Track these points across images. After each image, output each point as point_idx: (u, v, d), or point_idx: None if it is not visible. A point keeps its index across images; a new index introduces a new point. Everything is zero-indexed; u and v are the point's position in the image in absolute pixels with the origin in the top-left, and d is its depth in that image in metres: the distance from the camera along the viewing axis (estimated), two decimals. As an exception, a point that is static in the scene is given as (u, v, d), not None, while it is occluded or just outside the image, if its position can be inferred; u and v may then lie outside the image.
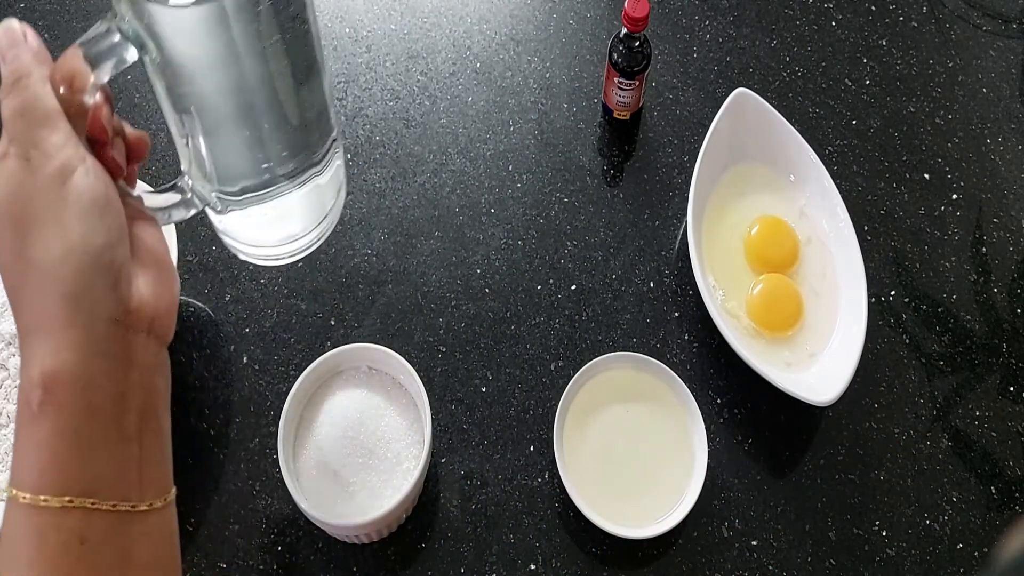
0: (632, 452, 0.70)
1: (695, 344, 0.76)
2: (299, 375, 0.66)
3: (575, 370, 0.70)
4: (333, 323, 0.76)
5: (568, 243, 0.80)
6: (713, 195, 0.80)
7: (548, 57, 0.90)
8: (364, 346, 0.68)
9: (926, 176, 0.85)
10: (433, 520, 0.69)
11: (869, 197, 0.83)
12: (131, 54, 0.41)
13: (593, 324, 0.77)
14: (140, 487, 0.39)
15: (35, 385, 0.36)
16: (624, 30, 0.77)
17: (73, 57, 0.39)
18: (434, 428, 0.67)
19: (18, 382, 0.68)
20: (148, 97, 0.88)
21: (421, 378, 0.66)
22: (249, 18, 0.42)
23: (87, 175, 0.38)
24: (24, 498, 0.36)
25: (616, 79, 0.80)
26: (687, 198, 0.76)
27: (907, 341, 0.77)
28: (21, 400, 0.37)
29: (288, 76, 0.47)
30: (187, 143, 0.48)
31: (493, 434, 0.72)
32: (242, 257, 0.59)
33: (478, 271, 0.79)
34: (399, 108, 0.87)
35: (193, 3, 0.39)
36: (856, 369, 0.69)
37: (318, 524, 0.63)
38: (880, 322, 0.77)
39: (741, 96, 0.79)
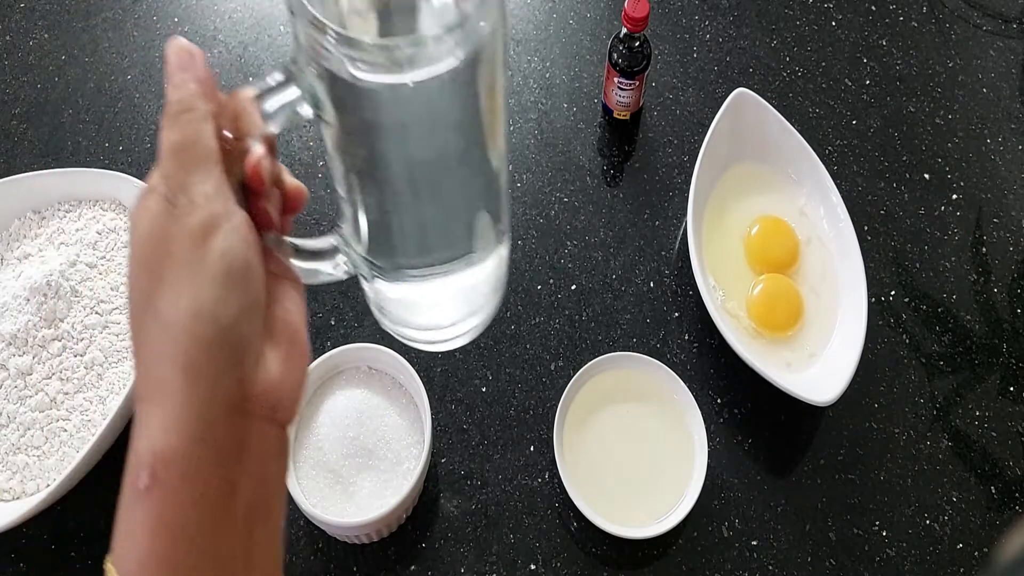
0: (632, 452, 0.70)
1: (695, 344, 0.76)
2: (299, 375, 0.66)
3: (575, 370, 0.70)
4: (333, 323, 0.76)
5: (568, 243, 0.80)
6: (713, 195, 0.80)
7: (548, 57, 0.90)
8: (364, 346, 0.68)
9: (926, 176, 0.85)
10: (433, 520, 0.69)
11: (869, 197, 0.83)
12: (306, 111, 0.38)
13: (593, 324, 0.77)
14: None
15: (143, 464, 0.34)
16: (624, 30, 0.77)
17: (245, 100, 0.37)
18: (434, 428, 0.67)
19: (17, 382, 0.68)
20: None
21: (421, 378, 0.66)
22: (436, 101, 0.38)
23: (231, 235, 0.34)
24: None
25: (616, 79, 0.80)
26: (687, 198, 0.76)
27: (907, 341, 0.77)
28: (129, 472, 0.34)
29: (460, 162, 0.43)
30: (347, 199, 0.44)
31: (493, 434, 0.72)
32: (383, 327, 0.54)
33: (478, 271, 0.79)
34: (399, 108, 0.87)
35: (383, 82, 0.35)
36: (856, 369, 0.69)
37: (318, 524, 0.63)
38: (880, 322, 0.77)
39: (741, 96, 0.79)
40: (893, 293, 0.79)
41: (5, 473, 0.66)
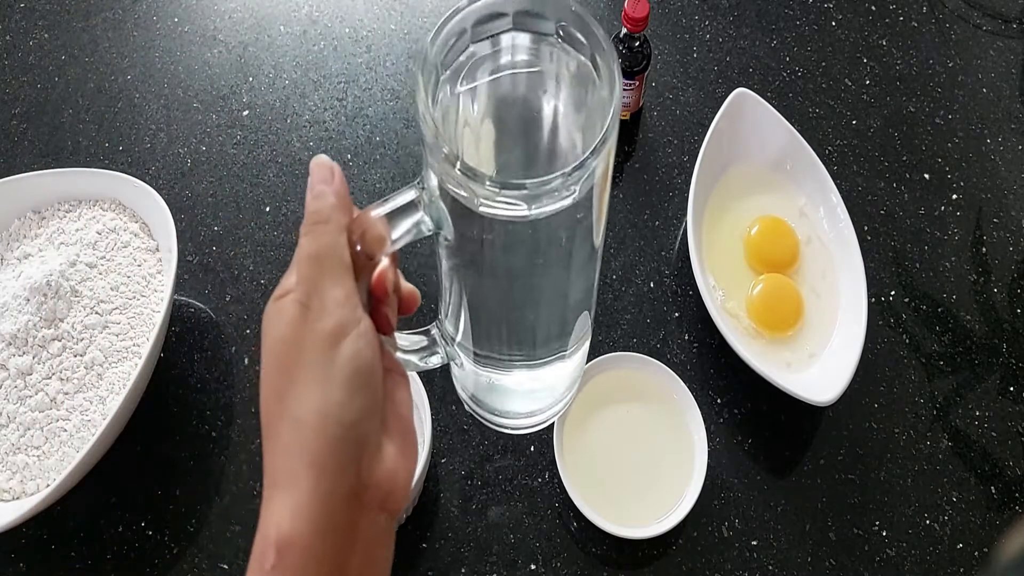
0: (632, 452, 0.70)
1: (695, 344, 0.76)
2: (299, 375, 0.66)
3: (575, 370, 0.70)
4: (333, 323, 0.76)
5: (568, 243, 0.80)
6: (713, 195, 0.80)
7: (548, 57, 0.90)
8: (364, 346, 0.68)
9: (926, 176, 0.85)
10: (433, 520, 0.69)
11: (869, 197, 0.83)
12: (427, 229, 0.41)
13: (593, 324, 0.77)
14: None
15: (270, 545, 0.37)
16: (624, 30, 0.77)
17: (376, 219, 0.39)
18: (434, 428, 0.67)
19: (17, 382, 0.68)
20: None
21: (421, 378, 0.66)
22: (551, 229, 0.41)
23: (358, 339, 0.37)
24: None
25: (616, 79, 0.80)
26: (687, 198, 0.76)
27: (907, 341, 0.77)
28: (256, 551, 0.38)
29: (563, 281, 0.47)
30: (449, 298, 0.48)
31: (493, 434, 0.72)
32: (469, 410, 0.58)
33: (478, 271, 0.79)
34: (399, 108, 0.87)
35: (496, 213, 0.38)
36: (856, 369, 0.69)
37: (318, 524, 0.63)
38: (880, 322, 0.77)
39: (741, 96, 0.79)
40: (893, 293, 0.79)
41: (5, 473, 0.66)
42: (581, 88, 0.41)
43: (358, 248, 0.39)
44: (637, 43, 0.78)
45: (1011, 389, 0.75)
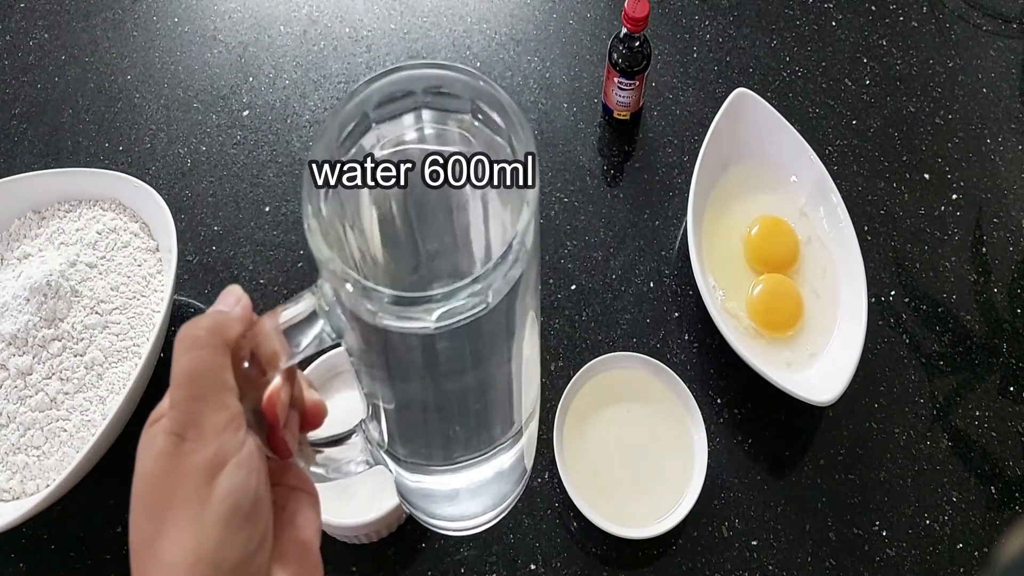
0: (632, 452, 0.70)
1: (695, 344, 0.76)
2: (299, 375, 0.66)
3: (575, 370, 0.70)
4: (333, 323, 0.76)
5: (568, 243, 0.80)
6: (713, 195, 0.80)
7: (548, 57, 0.90)
8: (364, 346, 0.68)
9: (926, 176, 0.85)
10: (433, 520, 0.69)
11: (869, 197, 0.83)
12: (330, 339, 0.36)
13: (593, 324, 0.77)
14: None
15: None
16: (624, 30, 0.77)
17: (268, 330, 0.35)
18: (434, 428, 0.67)
19: (17, 382, 0.68)
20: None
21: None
22: (455, 341, 0.36)
23: (238, 470, 0.33)
24: None
25: (616, 79, 0.80)
26: (687, 198, 0.76)
27: (907, 341, 0.77)
28: None
29: (483, 386, 0.42)
30: (369, 404, 0.43)
31: (493, 434, 0.72)
32: (407, 510, 0.53)
33: (478, 271, 0.79)
34: (399, 108, 0.86)
35: (398, 327, 0.34)
36: (856, 369, 0.69)
37: (318, 524, 0.63)
38: (880, 322, 0.77)
39: (741, 96, 0.79)
40: (893, 293, 0.79)
41: (5, 473, 0.66)
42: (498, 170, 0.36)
43: (246, 365, 0.35)
44: (637, 43, 0.78)
45: (1011, 389, 0.75)
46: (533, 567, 0.68)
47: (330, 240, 0.33)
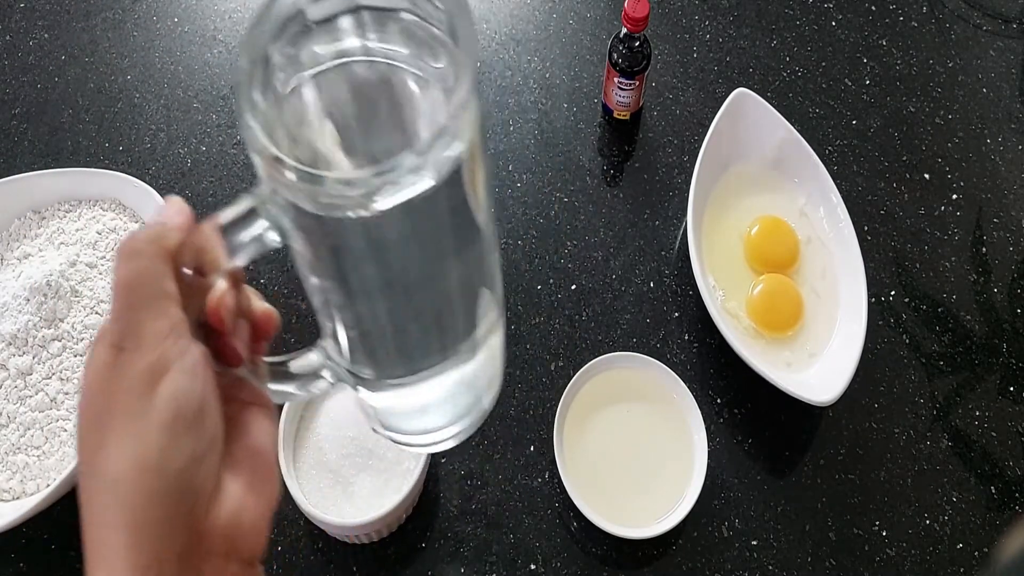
0: (632, 452, 0.70)
1: (695, 344, 0.76)
2: (299, 375, 0.66)
3: (575, 370, 0.70)
4: (333, 323, 0.76)
5: (568, 243, 0.80)
6: (713, 195, 0.80)
7: (548, 57, 0.90)
8: (364, 346, 0.68)
9: (926, 176, 0.85)
10: (433, 520, 0.69)
11: (869, 197, 0.83)
12: (273, 240, 0.35)
13: (593, 324, 0.77)
14: None
15: None
16: (624, 30, 0.77)
17: (208, 233, 0.34)
18: (434, 428, 0.67)
19: (17, 382, 0.68)
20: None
21: (421, 378, 0.66)
22: (401, 225, 0.35)
23: (181, 375, 0.33)
24: None
25: (616, 79, 0.80)
26: (687, 198, 0.76)
27: (907, 341, 0.77)
28: None
29: (438, 275, 0.40)
30: (325, 317, 0.42)
31: (493, 434, 0.72)
32: (376, 431, 0.51)
33: (478, 271, 0.79)
34: (399, 108, 0.86)
35: (339, 215, 0.33)
36: (856, 369, 0.69)
37: (318, 524, 0.63)
38: (880, 322, 0.77)
39: (741, 96, 0.79)
40: (893, 293, 0.79)
41: (5, 473, 0.66)
42: (443, 65, 0.35)
43: (188, 273, 0.34)
44: (637, 43, 0.78)
45: (1011, 389, 0.75)
46: (533, 567, 0.68)
47: (274, 139, 0.32)
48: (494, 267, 0.44)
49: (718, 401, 0.74)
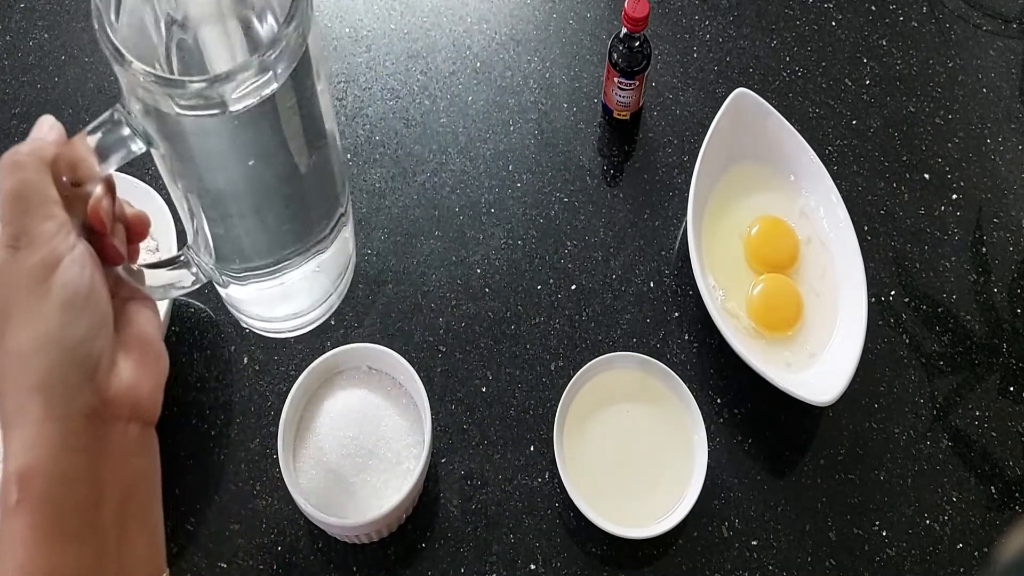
0: (632, 452, 0.70)
1: (695, 344, 0.76)
2: (299, 375, 0.66)
3: (575, 370, 0.70)
4: (333, 323, 0.76)
5: (568, 243, 0.80)
6: (713, 195, 0.80)
7: (548, 57, 0.90)
8: (364, 346, 0.68)
9: (926, 176, 0.85)
10: (433, 520, 0.69)
11: (869, 197, 0.83)
12: (138, 147, 0.41)
13: (593, 324, 0.77)
14: None
15: (11, 482, 0.36)
16: (624, 30, 0.77)
17: (79, 146, 0.40)
18: (434, 428, 0.67)
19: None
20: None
21: (421, 378, 0.66)
22: (255, 125, 0.41)
23: (72, 266, 0.38)
24: None
25: (616, 79, 0.80)
26: (687, 198, 0.76)
27: (907, 341, 0.77)
28: (2, 495, 0.37)
29: (292, 170, 0.46)
30: (191, 219, 0.47)
31: (493, 434, 0.72)
32: (244, 325, 0.58)
33: (478, 271, 0.79)
34: (399, 108, 0.87)
35: (198, 113, 0.38)
36: (856, 369, 0.69)
37: (318, 524, 0.63)
38: (880, 322, 0.77)
39: (741, 96, 0.79)
40: (893, 293, 0.79)
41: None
42: None
43: (65, 180, 0.39)
44: (637, 43, 0.78)
45: (1011, 389, 0.75)
46: (533, 567, 0.68)
47: (122, 44, 0.38)
48: (341, 167, 0.51)
49: (718, 401, 0.74)
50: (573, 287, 0.79)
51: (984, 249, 0.81)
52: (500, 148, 0.85)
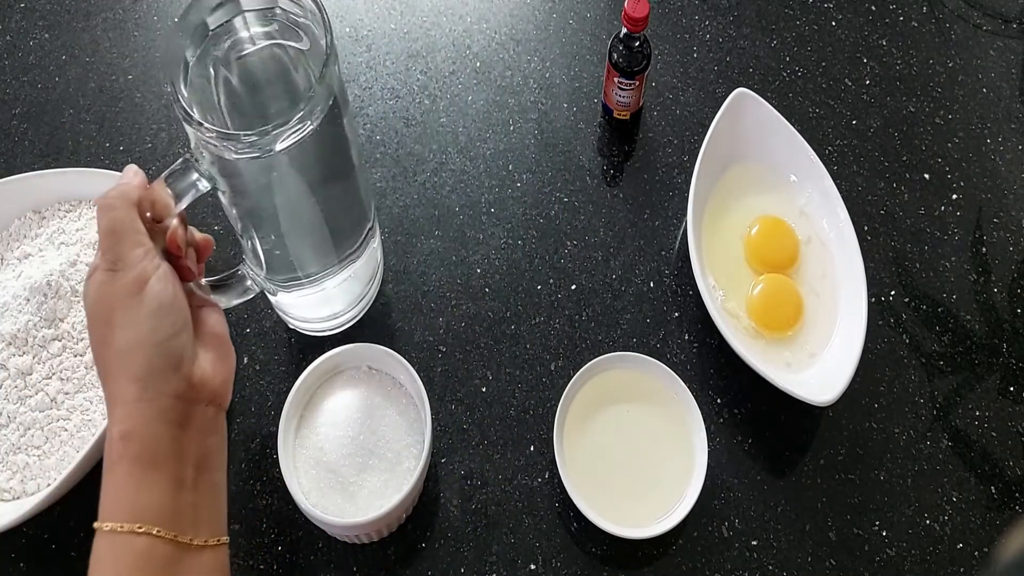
0: (632, 452, 0.70)
1: (695, 344, 0.76)
2: (299, 375, 0.66)
3: (575, 370, 0.70)
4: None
5: (568, 243, 0.81)
6: (713, 195, 0.80)
7: (548, 57, 0.90)
8: (364, 346, 0.68)
9: (926, 176, 0.85)
10: (433, 520, 0.69)
11: (869, 197, 0.83)
12: (204, 186, 0.52)
13: (593, 324, 0.77)
14: (195, 526, 0.49)
15: (114, 442, 0.47)
16: (624, 30, 0.77)
17: (158, 189, 0.51)
18: (434, 428, 0.67)
19: (17, 382, 0.68)
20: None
21: (421, 378, 0.66)
22: (297, 160, 0.52)
23: (158, 282, 0.49)
24: (106, 527, 0.46)
25: (616, 79, 0.80)
26: (687, 198, 0.76)
27: (907, 341, 0.77)
28: (106, 453, 0.48)
29: (327, 195, 0.57)
30: (247, 241, 0.59)
31: (493, 434, 0.72)
32: (292, 327, 0.72)
33: (478, 271, 0.79)
34: (399, 107, 0.87)
35: (251, 157, 0.50)
36: (856, 369, 0.69)
37: (318, 524, 0.63)
38: (880, 322, 0.77)
39: (741, 96, 0.79)
40: (893, 293, 0.79)
41: (5, 473, 0.66)
42: (308, 46, 0.53)
43: (148, 216, 0.51)
44: (637, 43, 0.78)
45: (1011, 389, 0.75)
46: (533, 567, 0.68)
47: (192, 107, 0.49)
48: (367, 186, 0.64)
49: (718, 401, 0.74)
50: (573, 287, 0.79)
51: (984, 249, 0.81)
52: (500, 148, 0.85)
